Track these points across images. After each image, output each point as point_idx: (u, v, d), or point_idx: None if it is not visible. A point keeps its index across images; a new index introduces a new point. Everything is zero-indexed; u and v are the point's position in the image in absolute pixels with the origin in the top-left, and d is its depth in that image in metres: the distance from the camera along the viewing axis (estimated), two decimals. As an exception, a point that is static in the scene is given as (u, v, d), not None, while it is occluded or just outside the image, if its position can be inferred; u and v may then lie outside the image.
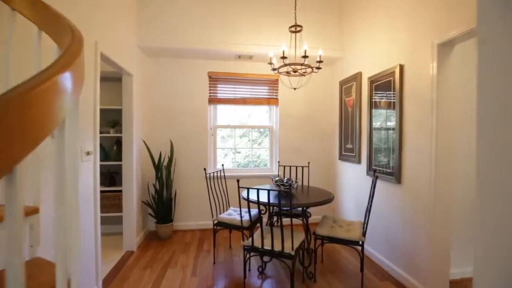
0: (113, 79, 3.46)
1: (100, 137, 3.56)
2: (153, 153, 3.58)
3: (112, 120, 3.44)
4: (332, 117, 3.95)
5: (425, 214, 2.13)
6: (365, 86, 3.02)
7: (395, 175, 2.45)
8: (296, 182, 2.65)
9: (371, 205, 2.21)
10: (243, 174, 3.79)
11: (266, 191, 2.09)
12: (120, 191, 3.12)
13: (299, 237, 2.22)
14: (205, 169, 2.75)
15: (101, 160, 3.36)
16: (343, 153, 3.54)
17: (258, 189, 1.99)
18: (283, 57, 2.44)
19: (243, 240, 2.32)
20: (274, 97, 3.88)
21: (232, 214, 2.85)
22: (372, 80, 2.84)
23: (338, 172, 3.73)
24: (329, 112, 3.98)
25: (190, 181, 3.70)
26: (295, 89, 2.76)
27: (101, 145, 3.42)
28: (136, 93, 3.09)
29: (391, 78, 2.53)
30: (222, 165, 3.26)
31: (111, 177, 3.39)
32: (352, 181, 3.32)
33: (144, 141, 3.29)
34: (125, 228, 3.02)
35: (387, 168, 2.58)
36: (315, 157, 3.96)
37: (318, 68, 2.64)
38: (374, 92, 2.81)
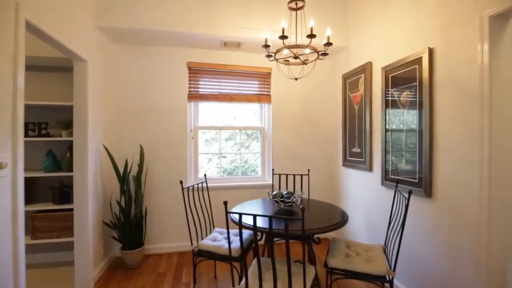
0: (67, 70, 2.77)
1: (51, 141, 2.86)
2: (118, 161, 2.91)
3: (64, 120, 2.73)
4: (334, 117, 3.44)
5: (470, 239, 1.63)
6: (377, 78, 2.52)
7: (424, 186, 1.95)
8: (299, 196, 2.09)
9: (402, 230, 1.68)
10: (230, 184, 3.19)
11: (267, 218, 1.51)
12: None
13: (310, 273, 1.66)
14: (181, 182, 2.13)
15: (51, 171, 2.65)
16: (348, 158, 3.03)
17: (254, 215, 1.40)
18: (283, 37, 1.88)
19: (233, 282, 1.72)
20: (266, 93, 3.31)
21: (217, 239, 2.24)
22: (387, 71, 2.34)
23: (342, 180, 3.21)
24: (329, 111, 3.47)
25: (166, 194, 3.05)
26: (296, 79, 2.21)
27: (50, 152, 2.70)
28: (94, 85, 2.42)
29: (416, 66, 2.03)
30: (205, 175, 2.64)
31: (63, 192, 2.68)
32: (361, 192, 2.80)
33: (104, 146, 2.61)
34: (77, 258, 2.32)
35: (411, 177, 2.08)
36: (314, 163, 3.43)
37: (324, 54, 2.11)
38: (390, 84, 2.32)
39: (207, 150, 3.37)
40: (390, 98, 2.32)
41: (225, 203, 1.47)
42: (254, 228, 1.47)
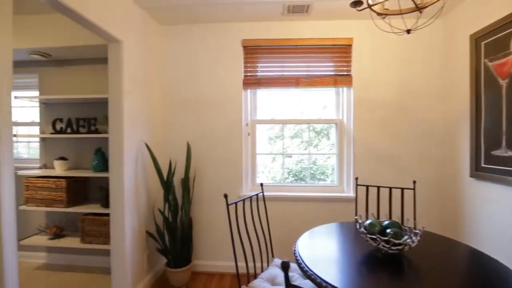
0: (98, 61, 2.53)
1: (101, 138, 2.65)
2: (162, 162, 2.52)
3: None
4: (448, 102, 2.33)
5: None
6: (563, 24, 1.40)
7: None
8: (417, 233, 1.21)
9: None
10: (296, 194, 2.45)
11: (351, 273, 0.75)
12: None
13: None
14: (226, 196, 1.52)
15: (100, 170, 2.43)
16: (483, 165, 1.92)
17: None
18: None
19: None
20: (345, 73, 2.45)
21: (277, 280, 1.55)
22: None
23: (469, 202, 2.08)
24: (440, 94, 2.38)
25: (217, 202, 2.53)
26: (408, 31, 1.32)
27: (99, 150, 2.48)
28: (133, 72, 2.05)
29: None
30: (261, 184, 1.98)
31: (107, 194, 2.42)
32: (512, 222, 1.68)
33: (146, 145, 2.23)
34: (114, 269, 1.98)
35: None
36: (414, 170, 2.39)
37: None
38: None
39: (270, 149, 2.72)
40: None
41: (287, 279, 0.75)
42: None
